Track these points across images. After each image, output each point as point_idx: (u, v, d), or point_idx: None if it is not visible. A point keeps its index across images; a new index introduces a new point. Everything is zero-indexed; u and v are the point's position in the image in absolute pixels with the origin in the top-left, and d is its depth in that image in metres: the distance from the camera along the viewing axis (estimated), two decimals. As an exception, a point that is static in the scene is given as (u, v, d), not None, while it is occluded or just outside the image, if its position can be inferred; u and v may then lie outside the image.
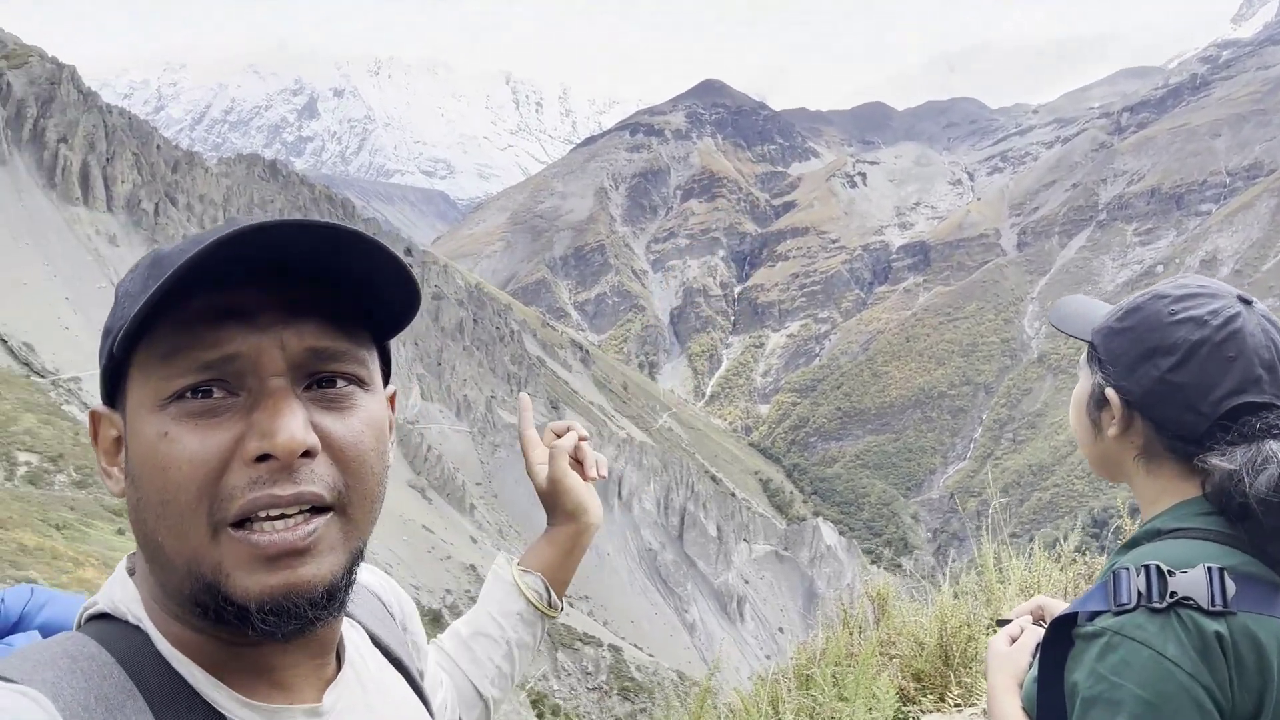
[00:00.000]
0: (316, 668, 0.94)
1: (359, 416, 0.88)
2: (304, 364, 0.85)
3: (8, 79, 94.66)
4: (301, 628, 0.84)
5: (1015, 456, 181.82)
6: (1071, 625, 1.31)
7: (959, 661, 3.57)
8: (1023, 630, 1.55)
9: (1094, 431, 1.51)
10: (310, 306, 0.86)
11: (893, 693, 3.47)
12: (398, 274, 0.88)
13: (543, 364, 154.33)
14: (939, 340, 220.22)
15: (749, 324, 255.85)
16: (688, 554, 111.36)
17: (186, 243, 0.83)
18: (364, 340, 0.91)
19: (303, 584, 0.82)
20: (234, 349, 0.82)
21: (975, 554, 4.24)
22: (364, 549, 0.90)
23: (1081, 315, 1.57)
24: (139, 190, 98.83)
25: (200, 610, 0.83)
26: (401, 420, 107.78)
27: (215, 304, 0.82)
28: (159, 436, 0.82)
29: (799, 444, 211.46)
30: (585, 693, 65.64)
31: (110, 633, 0.87)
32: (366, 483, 0.88)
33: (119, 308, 0.87)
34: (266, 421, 0.81)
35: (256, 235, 0.79)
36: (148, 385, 0.83)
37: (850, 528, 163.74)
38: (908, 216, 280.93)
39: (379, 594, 1.18)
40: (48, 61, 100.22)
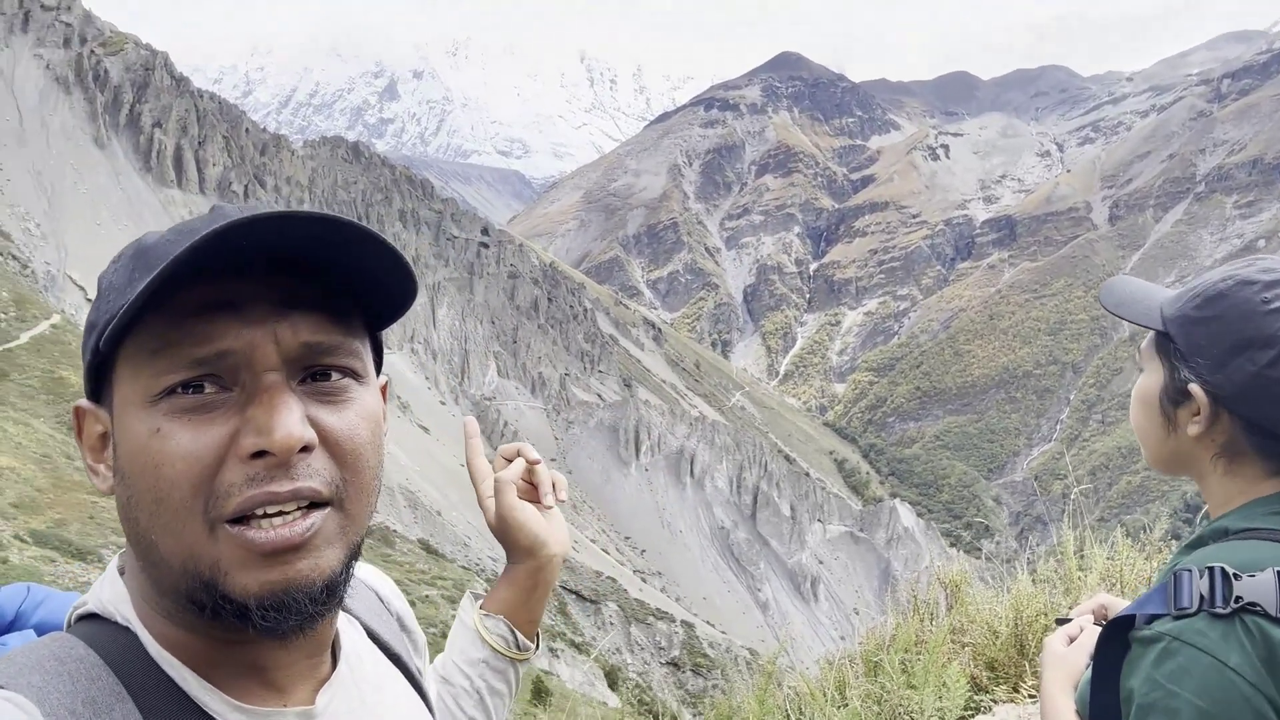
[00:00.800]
0: (311, 667, 0.92)
1: (354, 410, 0.87)
2: (298, 358, 0.84)
3: (105, 66, 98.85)
4: (301, 623, 0.83)
5: (1104, 439, 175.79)
6: (1129, 628, 1.25)
7: (1034, 651, 3.44)
8: (1082, 630, 1.49)
9: (1166, 429, 1.41)
10: (304, 299, 0.84)
11: (963, 681, 3.36)
12: (394, 264, 0.87)
13: (615, 342, 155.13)
14: (1025, 318, 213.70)
15: (825, 301, 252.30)
16: (760, 533, 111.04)
17: (172, 233, 0.83)
18: (358, 332, 0.90)
19: (302, 579, 0.81)
20: (226, 344, 0.80)
21: (1056, 540, 4.09)
22: (362, 542, 0.89)
23: (1141, 300, 1.46)
24: (229, 173, 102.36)
25: (197, 608, 0.82)
26: (479, 396, 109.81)
27: (206, 297, 0.80)
28: (150, 433, 0.80)
29: (876, 424, 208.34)
30: (658, 667, 66.21)
31: (99, 634, 0.86)
32: (363, 476, 0.87)
33: (103, 301, 0.85)
34: (263, 418, 0.80)
35: (248, 227, 0.77)
36: (137, 381, 0.81)
37: (929, 509, 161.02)
38: (993, 190, 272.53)
39: (376, 589, 1.17)
40: (142, 48, 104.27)
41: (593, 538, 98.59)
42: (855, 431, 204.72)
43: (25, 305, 52.86)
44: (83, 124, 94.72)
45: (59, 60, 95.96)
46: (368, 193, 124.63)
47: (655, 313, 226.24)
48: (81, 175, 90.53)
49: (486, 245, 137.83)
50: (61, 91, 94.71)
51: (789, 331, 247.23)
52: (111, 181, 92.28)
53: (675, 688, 60.42)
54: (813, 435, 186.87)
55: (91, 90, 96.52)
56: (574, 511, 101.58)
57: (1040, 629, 3.45)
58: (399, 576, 45.17)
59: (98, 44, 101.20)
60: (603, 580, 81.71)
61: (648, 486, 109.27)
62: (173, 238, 0.81)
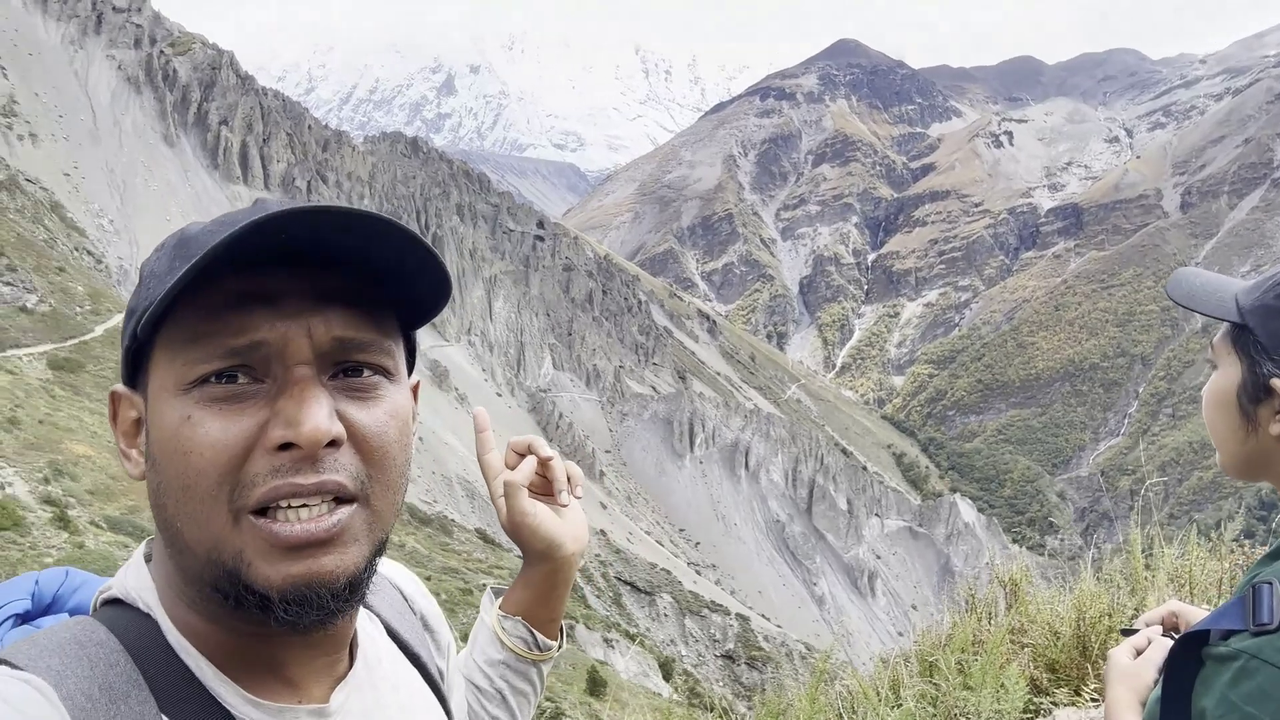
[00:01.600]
0: (328, 664, 0.93)
1: (384, 407, 0.87)
2: (330, 353, 0.84)
3: (174, 66, 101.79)
4: (323, 619, 0.83)
5: (1174, 433, 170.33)
6: (1203, 643, 1.16)
7: (1098, 653, 3.31)
8: (1149, 642, 1.38)
9: (1245, 429, 1.32)
10: (339, 294, 0.85)
11: (1023, 683, 3.25)
12: (429, 264, 0.87)
13: (670, 334, 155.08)
14: (1091, 309, 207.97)
15: (883, 293, 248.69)
16: (817, 527, 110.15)
17: (213, 224, 0.83)
18: (391, 330, 0.90)
19: (325, 574, 0.81)
20: (261, 336, 0.81)
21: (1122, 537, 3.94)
22: (386, 540, 0.89)
23: (1214, 291, 1.35)
24: (293, 169, 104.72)
25: (220, 597, 0.83)
26: (534, 388, 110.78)
27: (243, 288, 0.81)
28: (182, 420, 0.81)
29: (935, 417, 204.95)
30: (713, 659, 66.16)
31: (121, 619, 0.87)
32: (389, 473, 0.87)
33: (144, 288, 0.86)
34: (292, 410, 0.80)
35: (287, 220, 0.78)
36: (172, 368, 0.83)
37: (990, 505, 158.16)
38: (1058, 177, 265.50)
39: (401, 587, 1.17)
40: (209, 48, 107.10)
41: (647, 529, 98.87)
42: (914, 425, 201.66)
43: (99, 299, 54.81)
44: (153, 122, 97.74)
45: (130, 61, 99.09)
46: (426, 187, 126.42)
47: (710, 305, 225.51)
48: (152, 172, 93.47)
49: (542, 238, 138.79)
50: (133, 91, 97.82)
51: (846, 323, 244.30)
52: (180, 178, 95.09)
53: (730, 680, 60.33)
54: (870, 429, 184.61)
55: (161, 89, 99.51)
56: (628, 503, 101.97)
57: (1104, 630, 3.32)
58: (457, 565, 45.87)
59: (166, 44, 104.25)
60: (657, 572, 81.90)
61: (702, 479, 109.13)
62: (214, 228, 0.82)
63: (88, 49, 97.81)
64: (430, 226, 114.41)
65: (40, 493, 25.90)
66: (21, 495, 25.25)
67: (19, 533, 25.37)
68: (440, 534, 56.88)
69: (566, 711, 28.51)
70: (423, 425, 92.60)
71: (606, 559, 78.75)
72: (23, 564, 24.38)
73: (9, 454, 28.00)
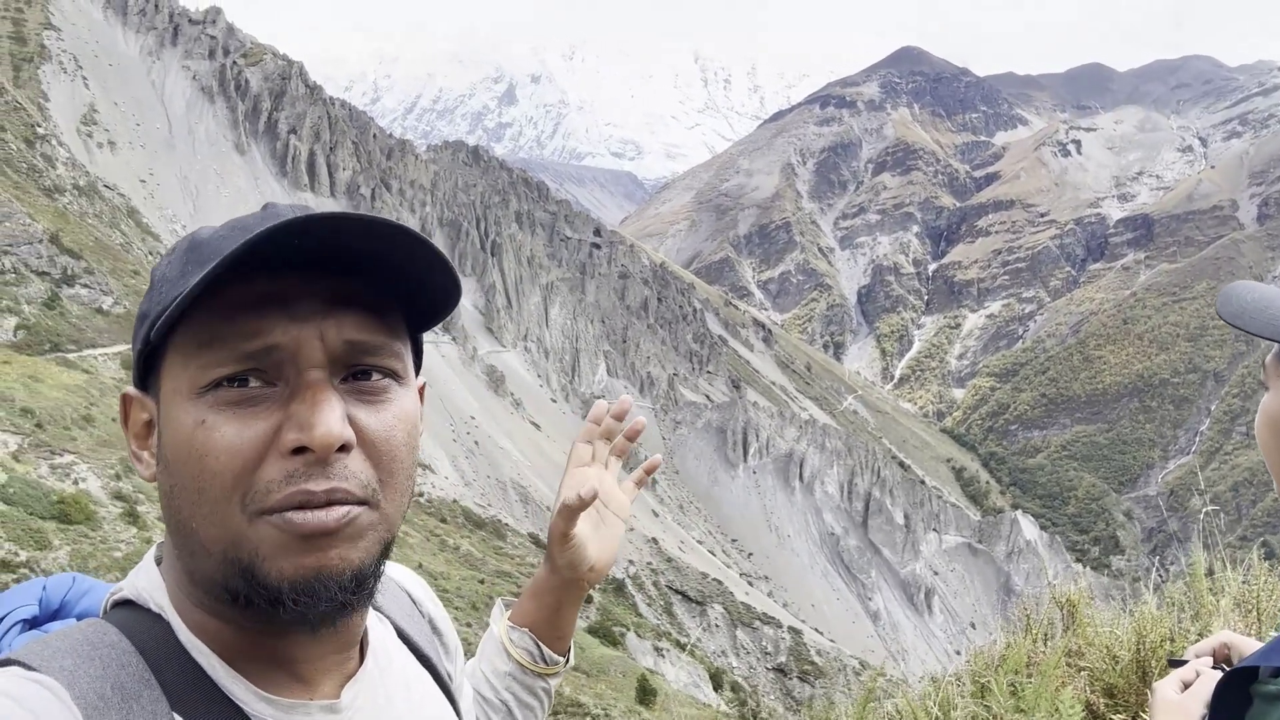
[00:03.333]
0: (339, 662, 0.94)
1: (392, 410, 0.88)
2: (342, 356, 0.85)
3: (246, 76, 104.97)
4: (330, 611, 0.84)
5: (1248, 452, 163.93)
6: (1251, 679, 1.10)
7: (1157, 679, 3.19)
8: (1198, 675, 1.31)
9: None
10: (351, 298, 0.86)
11: (1078, 707, 3.15)
12: (438, 267, 0.88)
13: (724, 343, 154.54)
14: (1161, 323, 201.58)
15: (944, 303, 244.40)
16: (872, 541, 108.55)
17: (224, 228, 0.85)
18: (401, 333, 0.92)
19: (332, 567, 0.83)
20: (274, 340, 0.82)
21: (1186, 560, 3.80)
22: (393, 541, 0.90)
23: (1264, 308, 1.25)
24: (358, 177, 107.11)
25: (231, 596, 0.84)
26: (588, 395, 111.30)
27: (256, 293, 0.82)
28: (196, 424, 0.82)
29: (997, 431, 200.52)
30: (764, 672, 65.58)
31: (132, 620, 0.88)
32: (397, 477, 0.88)
33: (155, 292, 0.87)
34: (305, 414, 0.81)
35: (302, 226, 0.79)
36: (185, 372, 0.83)
37: (1053, 522, 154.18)
38: (1128, 187, 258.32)
39: (409, 591, 1.17)
40: (279, 59, 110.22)
41: (699, 539, 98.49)
42: (975, 439, 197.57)
43: (172, 302, 56.50)
44: (225, 131, 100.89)
45: (204, 71, 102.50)
46: (486, 195, 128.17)
47: (765, 314, 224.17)
48: (224, 179, 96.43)
49: (598, 246, 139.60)
50: (206, 100, 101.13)
51: (905, 334, 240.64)
52: (250, 185, 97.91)
53: (781, 694, 59.71)
54: (929, 442, 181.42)
55: (233, 99, 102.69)
56: (680, 511, 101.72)
57: (1164, 655, 3.21)
58: (510, 569, 46.29)
59: (239, 55, 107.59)
60: (709, 582, 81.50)
61: (755, 489, 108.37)
62: (226, 233, 0.83)
63: (164, 60, 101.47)
64: (489, 234, 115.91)
65: (112, 488, 26.84)
66: (94, 490, 26.20)
67: (90, 526, 26.32)
68: (494, 537, 57.45)
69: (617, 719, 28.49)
70: (478, 429, 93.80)
71: (658, 567, 78.65)
72: (93, 557, 25.27)
73: (83, 450, 29.09)
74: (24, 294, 52.58)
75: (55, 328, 49.10)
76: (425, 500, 62.64)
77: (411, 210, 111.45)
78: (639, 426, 1.23)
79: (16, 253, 54.41)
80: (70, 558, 25.38)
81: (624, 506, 1.26)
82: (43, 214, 60.66)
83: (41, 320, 51.05)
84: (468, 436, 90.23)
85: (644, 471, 1.28)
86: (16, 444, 30.76)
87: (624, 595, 66.42)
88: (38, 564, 24.57)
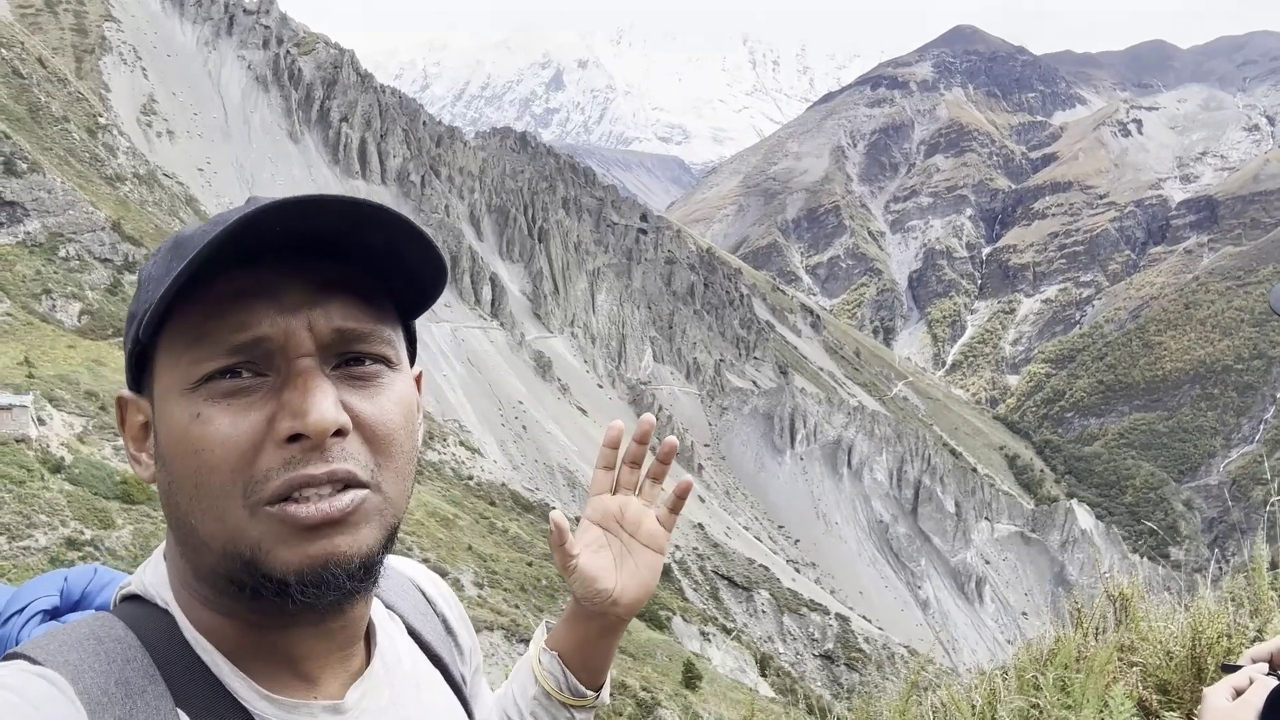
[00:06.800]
0: (343, 659, 0.93)
1: (387, 395, 0.88)
2: (332, 344, 0.85)
3: (299, 65, 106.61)
4: (339, 600, 0.84)
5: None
6: None
7: (1213, 677, 3.08)
8: (1251, 681, 1.24)
9: None
10: (337, 285, 0.86)
11: (1129, 704, 3.05)
12: (423, 250, 0.88)
13: (772, 329, 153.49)
14: (1225, 308, 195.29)
15: (998, 288, 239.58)
16: (922, 529, 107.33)
17: (208, 224, 0.83)
18: (391, 319, 0.91)
19: (340, 555, 0.82)
20: (263, 331, 0.82)
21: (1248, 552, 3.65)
22: (398, 526, 0.89)
23: None
24: (408, 164, 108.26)
25: (236, 588, 0.83)
26: (634, 380, 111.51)
27: (241, 284, 0.82)
28: (191, 419, 0.82)
29: (1052, 419, 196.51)
30: (811, 658, 65.39)
31: (139, 615, 0.88)
32: (397, 460, 0.88)
33: (143, 292, 0.87)
34: (298, 401, 0.81)
35: (277, 213, 0.79)
36: (176, 369, 0.84)
37: (1109, 512, 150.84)
38: (1191, 168, 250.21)
39: (423, 588, 1.16)
40: (331, 48, 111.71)
41: (745, 525, 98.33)
42: (1029, 426, 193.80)
43: (229, 288, 57.86)
44: (279, 119, 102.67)
45: (259, 61, 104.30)
46: (533, 181, 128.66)
47: (814, 299, 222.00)
48: (278, 167, 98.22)
49: (645, 231, 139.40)
50: (261, 90, 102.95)
51: (958, 319, 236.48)
52: (304, 173, 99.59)
53: (829, 681, 59.50)
54: (981, 429, 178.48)
55: (287, 88, 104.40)
56: (726, 497, 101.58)
57: (1221, 653, 3.09)
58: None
59: (293, 44, 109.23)
60: (755, 568, 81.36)
61: (802, 476, 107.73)
62: (208, 228, 0.82)
63: (220, 50, 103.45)
64: (537, 220, 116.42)
65: (171, 469, 27.55)
66: (155, 471, 26.89)
67: (152, 506, 27.14)
68: (541, 521, 57.98)
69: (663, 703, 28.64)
70: (526, 414, 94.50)
71: (704, 553, 78.71)
72: (154, 536, 26.06)
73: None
74: (88, 280, 54.26)
75: (118, 313, 50.58)
76: (475, 483, 63.43)
77: (460, 197, 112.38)
78: (670, 447, 1.13)
79: (80, 240, 56.12)
80: (133, 536, 26.23)
81: (655, 536, 1.16)
82: (104, 202, 62.44)
83: (105, 306, 52.66)
84: (515, 421, 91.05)
85: (675, 497, 1.18)
86: (81, 426, 31.82)
87: (670, 580, 66.62)
88: (102, 542, 25.43)
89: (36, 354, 37.42)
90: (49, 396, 31.67)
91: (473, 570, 38.37)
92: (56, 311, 49.93)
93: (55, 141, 66.90)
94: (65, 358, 38.91)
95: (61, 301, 51.05)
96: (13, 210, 54.39)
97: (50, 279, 52.03)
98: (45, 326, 44.73)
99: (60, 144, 67.24)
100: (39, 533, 24.33)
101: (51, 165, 60.04)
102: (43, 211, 55.31)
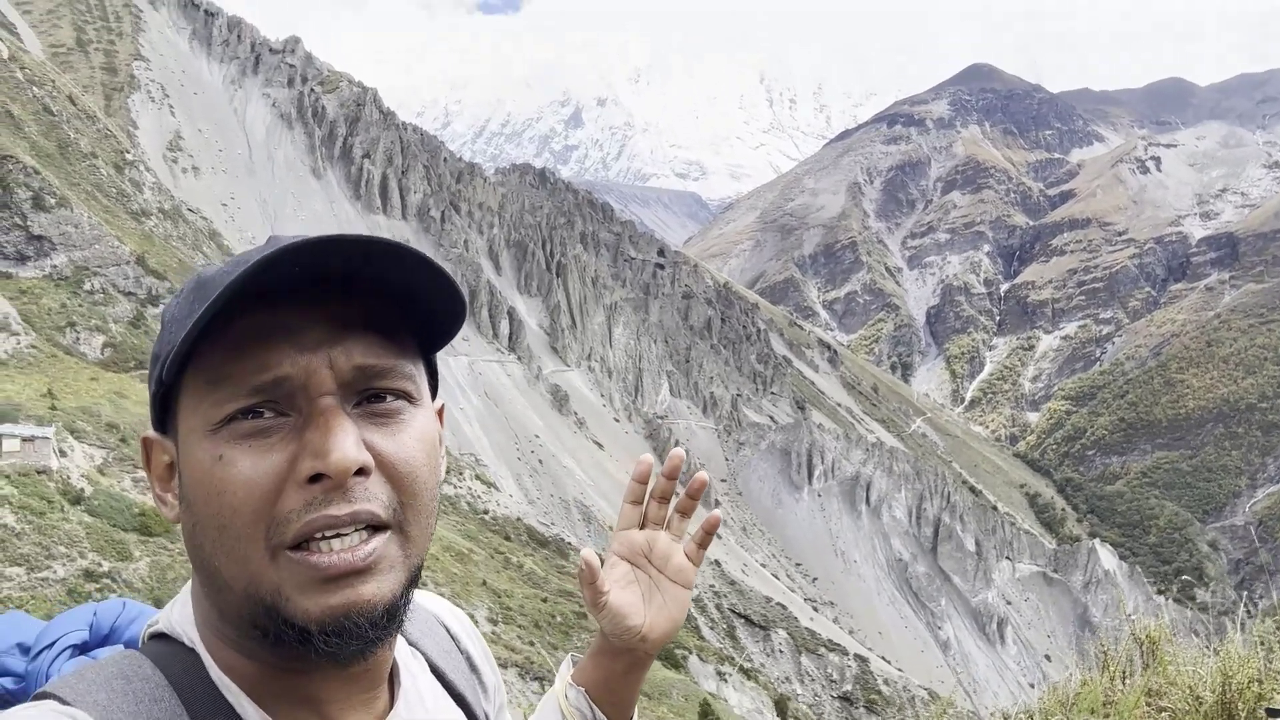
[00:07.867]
0: (366, 702, 0.92)
1: (409, 432, 0.88)
2: (353, 382, 0.85)
3: (323, 103, 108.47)
4: (363, 649, 0.84)
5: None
6: None
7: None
8: None
9: None
10: (357, 322, 0.86)
11: (1158, 751, 2.97)
12: (442, 286, 0.88)
13: (789, 364, 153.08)
14: (1249, 345, 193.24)
15: (1017, 324, 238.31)
16: (942, 568, 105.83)
17: (229, 264, 0.84)
18: (411, 354, 0.91)
19: (364, 604, 0.82)
20: (284, 371, 0.83)
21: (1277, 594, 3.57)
22: (421, 567, 0.90)
23: None
24: (428, 200, 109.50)
25: (259, 634, 0.83)
26: (651, 415, 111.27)
27: (262, 324, 0.83)
28: (214, 460, 0.82)
29: (1073, 457, 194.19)
30: (829, 700, 64.27)
31: (166, 654, 0.89)
32: (420, 498, 0.88)
33: (166, 333, 0.87)
34: (319, 441, 0.81)
35: (296, 253, 0.79)
36: (199, 409, 0.84)
37: (1133, 552, 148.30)
38: (1211, 205, 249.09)
39: (448, 625, 1.15)
40: (354, 86, 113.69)
41: (762, 562, 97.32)
42: (1050, 464, 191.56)
43: (250, 321, 58.32)
44: (303, 156, 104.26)
45: (283, 99, 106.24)
46: (552, 216, 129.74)
47: (831, 334, 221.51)
48: (301, 203, 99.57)
49: (662, 266, 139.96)
50: (285, 127, 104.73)
51: (976, 355, 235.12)
52: (326, 208, 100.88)
53: (846, 723, 58.36)
54: (1001, 466, 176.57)
55: (311, 125, 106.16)
56: (743, 534, 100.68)
57: (1251, 699, 3.01)
58: (573, 588, 46.28)
59: (316, 83, 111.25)
60: (772, 606, 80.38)
61: (820, 513, 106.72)
62: (229, 268, 0.82)
63: (246, 88, 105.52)
64: (555, 254, 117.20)
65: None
66: (173, 503, 26.98)
67: (170, 539, 27.19)
68: (556, 556, 57.63)
69: (676, 744, 28.17)
70: (542, 448, 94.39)
71: (721, 590, 77.87)
72: (171, 569, 26.09)
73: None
74: (111, 313, 54.91)
75: (140, 346, 51.11)
76: (490, 517, 63.21)
77: (480, 232, 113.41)
78: (700, 482, 1.10)
79: (105, 273, 56.89)
80: (150, 569, 26.26)
81: (684, 571, 1.16)
82: (130, 236, 63.38)
83: (128, 338, 53.22)
84: (532, 455, 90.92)
85: (704, 533, 1.17)
86: (102, 458, 32.04)
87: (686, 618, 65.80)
88: (119, 574, 25.47)
89: (60, 386, 37.80)
90: (71, 428, 31.94)
91: (487, 606, 38.13)
92: (80, 344, 50.50)
93: (83, 177, 68.14)
94: (88, 390, 39.28)
95: (85, 334, 51.65)
96: (40, 244, 55.31)
97: (75, 312, 52.71)
98: (69, 359, 45.23)
99: (88, 179, 68.48)
100: (58, 564, 24.42)
101: (79, 200, 61.11)
102: (69, 245, 56.21)
